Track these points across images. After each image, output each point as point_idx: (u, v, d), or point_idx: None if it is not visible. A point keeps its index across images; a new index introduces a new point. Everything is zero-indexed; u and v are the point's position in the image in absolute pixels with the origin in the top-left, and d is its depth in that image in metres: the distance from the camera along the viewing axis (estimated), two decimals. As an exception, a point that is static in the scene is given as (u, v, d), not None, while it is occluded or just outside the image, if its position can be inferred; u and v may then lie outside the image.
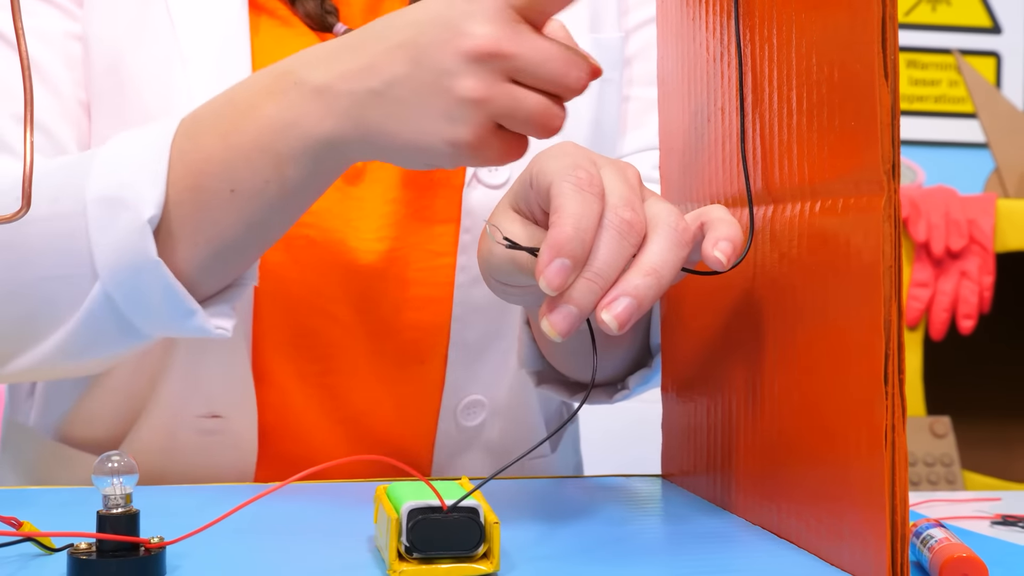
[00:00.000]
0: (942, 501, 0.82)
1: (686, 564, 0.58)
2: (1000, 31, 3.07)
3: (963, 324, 1.89)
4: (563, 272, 0.57)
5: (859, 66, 0.53)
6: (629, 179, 0.61)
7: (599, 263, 0.57)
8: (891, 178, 0.52)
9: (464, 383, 0.92)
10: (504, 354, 0.94)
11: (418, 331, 0.90)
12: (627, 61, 0.99)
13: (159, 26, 0.88)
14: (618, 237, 0.58)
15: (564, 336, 0.58)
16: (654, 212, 0.60)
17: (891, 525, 0.51)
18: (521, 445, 0.97)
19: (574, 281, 0.57)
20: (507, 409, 0.95)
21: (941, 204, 1.90)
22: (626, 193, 0.59)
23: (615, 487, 0.79)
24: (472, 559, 0.54)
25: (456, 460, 0.93)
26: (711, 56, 0.70)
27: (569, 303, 0.57)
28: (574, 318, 0.58)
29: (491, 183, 0.90)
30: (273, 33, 0.90)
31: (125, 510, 0.53)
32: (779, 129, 0.61)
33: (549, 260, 0.57)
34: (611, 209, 0.58)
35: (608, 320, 0.57)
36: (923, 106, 3.04)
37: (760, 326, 0.64)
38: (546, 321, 0.58)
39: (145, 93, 0.87)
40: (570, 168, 0.59)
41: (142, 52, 0.88)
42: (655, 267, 0.58)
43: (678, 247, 0.59)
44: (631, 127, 0.99)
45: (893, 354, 0.51)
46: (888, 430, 0.51)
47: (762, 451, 0.64)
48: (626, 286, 0.57)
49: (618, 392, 0.87)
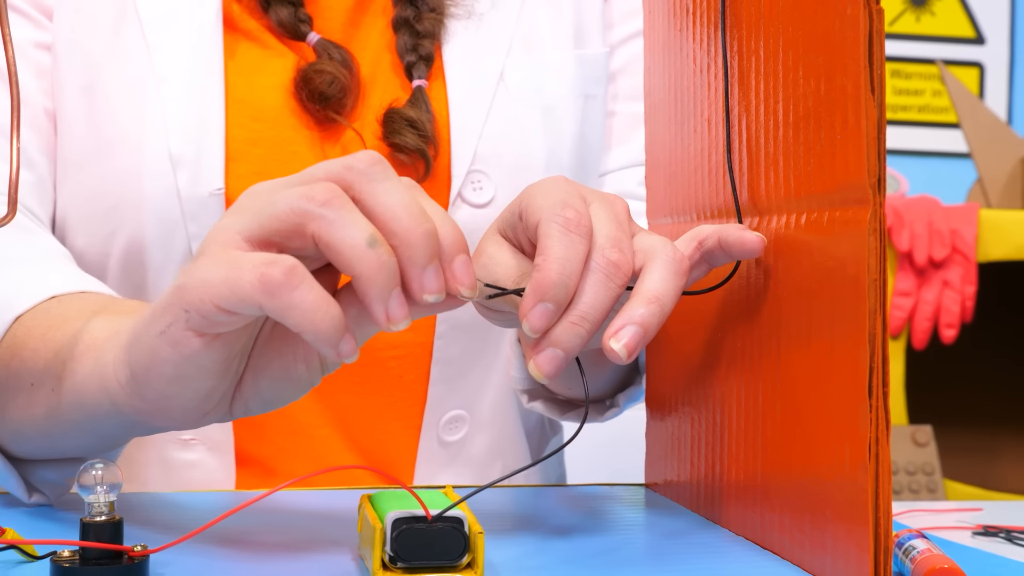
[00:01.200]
0: (924, 511, 0.82)
1: (668, 573, 0.58)
2: (983, 42, 3.08)
3: (945, 333, 1.90)
4: (546, 316, 0.57)
5: (845, 79, 0.53)
6: (618, 215, 0.61)
7: (584, 306, 0.58)
8: (876, 191, 0.52)
9: (446, 398, 0.92)
10: (486, 370, 0.94)
11: (401, 348, 0.90)
12: (612, 76, 0.99)
13: (134, 47, 0.88)
14: (604, 280, 0.58)
15: (550, 378, 0.58)
16: (649, 243, 0.61)
17: (874, 537, 0.51)
18: (503, 459, 0.97)
19: (559, 323, 0.58)
20: (489, 424, 0.95)
21: (924, 214, 1.91)
22: (614, 233, 0.59)
23: (599, 496, 0.79)
24: (456, 569, 0.54)
25: (438, 475, 0.93)
26: (698, 68, 0.70)
27: (555, 346, 0.58)
28: (560, 360, 0.58)
29: (476, 202, 0.90)
30: (249, 55, 0.90)
31: (109, 518, 0.53)
32: (765, 141, 0.62)
33: (533, 304, 0.57)
34: (598, 250, 0.58)
35: (618, 349, 0.58)
36: (907, 116, 3.05)
37: (745, 338, 0.64)
38: (532, 364, 0.58)
39: (119, 113, 0.87)
40: (559, 207, 0.59)
41: (116, 72, 0.88)
42: (657, 296, 0.58)
43: (676, 276, 0.59)
44: (616, 143, 0.99)
45: (877, 367, 0.51)
46: (872, 443, 0.51)
47: (746, 462, 0.64)
48: (632, 315, 0.58)
49: (608, 410, 0.87)
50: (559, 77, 0.95)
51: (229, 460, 0.88)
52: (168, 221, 0.85)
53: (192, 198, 0.85)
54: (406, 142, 0.87)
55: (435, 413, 0.92)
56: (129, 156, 0.86)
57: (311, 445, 0.90)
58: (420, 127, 0.88)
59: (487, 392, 0.95)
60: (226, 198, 0.85)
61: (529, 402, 0.87)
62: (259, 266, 0.53)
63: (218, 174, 0.85)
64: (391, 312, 0.54)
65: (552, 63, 0.95)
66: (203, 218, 0.85)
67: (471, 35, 0.94)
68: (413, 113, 0.88)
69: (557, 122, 0.94)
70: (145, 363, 0.58)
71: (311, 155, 0.88)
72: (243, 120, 0.87)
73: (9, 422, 0.70)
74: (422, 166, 0.88)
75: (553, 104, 0.94)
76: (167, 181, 0.85)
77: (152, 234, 0.85)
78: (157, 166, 0.85)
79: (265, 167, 0.87)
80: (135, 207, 0.85)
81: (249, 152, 0.87)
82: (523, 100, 0.93)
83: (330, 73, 0.88)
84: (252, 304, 0.53)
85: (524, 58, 0.94)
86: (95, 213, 0.87)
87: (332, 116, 0.88)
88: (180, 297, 0.55)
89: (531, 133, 0.93)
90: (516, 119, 0.92)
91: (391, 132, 0.88)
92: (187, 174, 0.85)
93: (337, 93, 0.88)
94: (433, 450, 0.93)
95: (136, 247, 0.86)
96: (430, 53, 0.92)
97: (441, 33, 0.93)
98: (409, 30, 0.92)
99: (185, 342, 0.55)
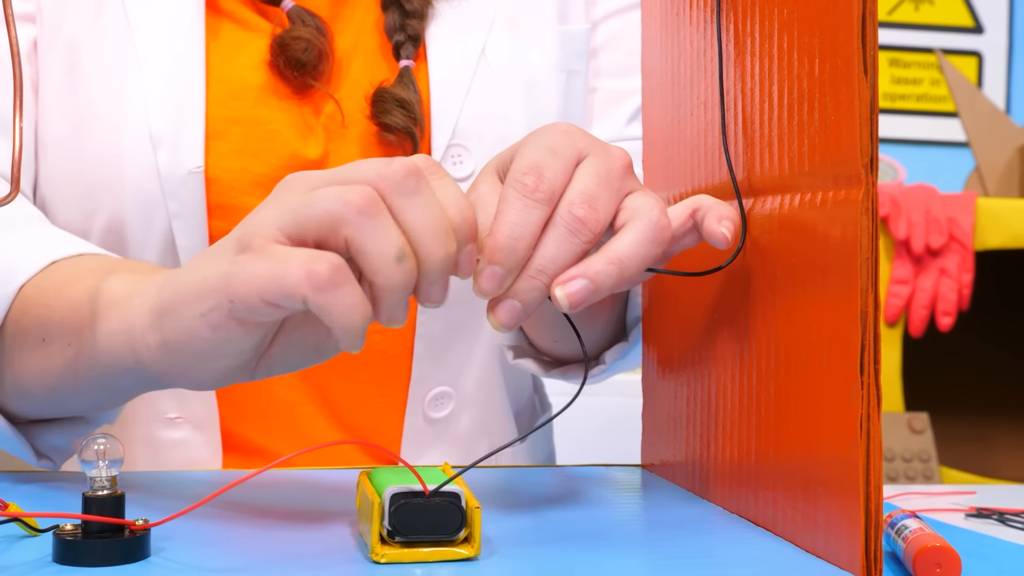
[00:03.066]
0: (918, 494, 0.83)
1: (664, 550, 0.59)
2: (982, 31, 3.08)
3: (942, 321, 1.90)
4: (494, 279, 0.58)
5: (839, 61, 0.54)
6: (609, 171, 0.61)
7: (542, 259, 0.59)
8: (869, 172, 0.52)
9: (431, 374, 0.93)
10: (471, 345, 0.95)
11: None
12: (593, 52, 0.99)
13: (115, 26, 0.88)
14: (567, 235, 0.59)
15: (509, 329, 0.59)
16: (636, 205, 0.61)
17: (865, 513, 0.52)
18: (490, 437, 0.97)
19: (519, 276, 0.58)
20: (475, 401, 0.96)
21: (921, 202, 1.91)
22: (589, 189, 0.60)
23: (595, 476, 0.80)
24: (453, 543, 0.54)
25: (425, 453, 0.94)
26: (695, 50, 0.71)
27: (512, 298, 0.59)
28: (517, 312, 0.59)
29: (456, 176, 0.90)
30: (230, 36, 0.90)
31: (111, 492, 0.53)
32: (760, 123, 0.62)
33: (483, 267, 0.58)
34: (565, 205, 0.59)
35: (560, 297, 0.58)
36: (905, 105, 3.05)
37: (739, 318, 0.65)
38: (491, 315, 0.60)
39: (99, 92, 0.88)
40: (522, 170, 0.59)
41: (98, 52, 0.88)
42: (621, 257, 0.59)
43: (651, 243, 0.60)
44: (598, 118, 0.99)
45: (869, 345, 0.52)
46: (863, 419, 0.52)
47: (740, 441, 0.65)
48: (586, 269, 0.59)
49: (595, 367, 0.88)
50: (541, 53, 0.96)
51: (215, 438, 0.89)
52: (148, 199, 0.86)
53: (172, 176, 0.85)
54: (395, 122, 0.88)
55: (420, 389, 0.93)
56: (109, 135, 0.86)
57: (295, 423, 0.91)
58: (409, 108, 0.89)
59: (472, 368, 0.95)
60: (206, 176, 0.86)
61: (515, 359, 0.88)
62: (306, 263, 0.54)
63: (198, 152, 0.86)
64: (393, 315, 0.57)
65: (535, 39, 0.96)
66: (183, 196, 0.85)
67: (455, 13, 0.94)
68: (403, 94, 0.89)
69: (539, 97, 0.95)
70: (181, 338, 0.59)
71: (292, 133, 0.89)
72: (223, 99, 0.88)
73: (16, 380, 0.71)
74: (409, 145, 0.89)
75: (535, 79, 0.95)
76: (147, 160, 0.85)
77: (132, 212, 0.86)
78: (137, 145, 0.86)
79: (246, 145, 0.87)
80: (115, 185, 0.86)
81: (229, 130, 0.87)
82: (505, 75, 0.94)
83: (305, 39, 0.88)
84: (297, 299, 0.54)
85: (506, 34, 0.95)
86: (75, 191, 0.87)
87: (310, 83, 0.89)
88: (227, 286, 0.56)
89: (513, 108, 0.93)
90: (498, 94, 0.93)
91: (381, 112, 0.89)
92: (167, 153, 0.85)
93: (313, 59, 0.89)
94: (419, 427, 0.93)
95: (116, 225, 0.86)
96: (418, 33, 0.92)
97: (428, 12, 0.94)
98: (398, 9, 0.93)
99: (225, 327, 0.57)
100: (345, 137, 0.90)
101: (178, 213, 0.85)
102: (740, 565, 0.55)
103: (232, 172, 0.86)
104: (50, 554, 0.53)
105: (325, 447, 0.56)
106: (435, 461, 0.93)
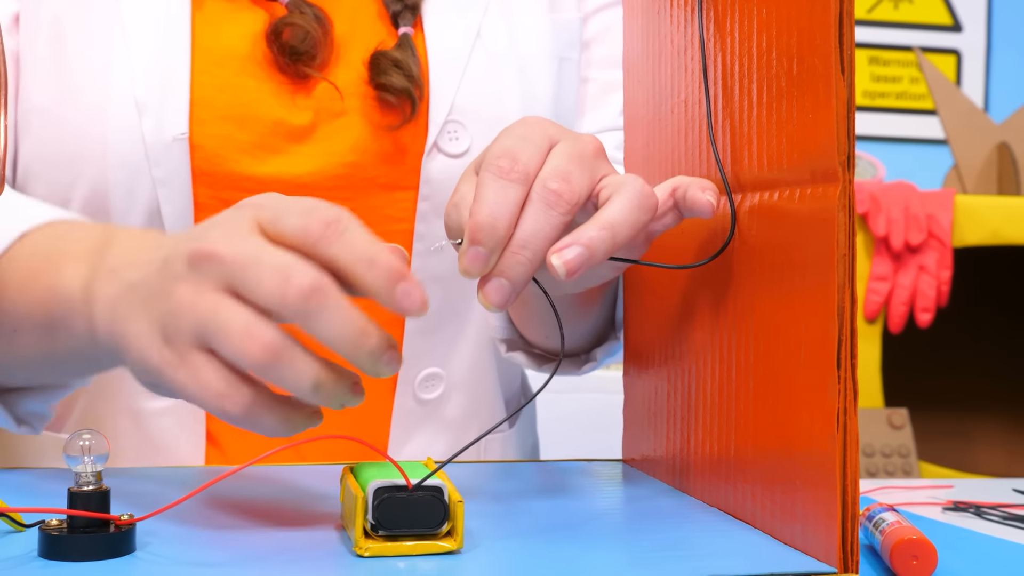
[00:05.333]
0: (896, 488, 0.84)
1: (644, 542, 0.59)
2: (960, 29, 3.10)
3: (921, 317, 1.91)
4: (478, 259, 0.59)
5: (816, 60, 0.54)
6: (581, 152, 0.62)
7: (524, 234, 0.59)
8: (846, 169, 0.53)
9: (422, 355, 0.93)
10: (461, 327, 0.95)
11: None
12: (586, 44, 1.00)
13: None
14: (544, 208, 0.59)
15: (499, 308, 0.60)
16: (618, 179, 0.62)
17: (842, 505, 0.53)
18: (479, 421, 0.98)
19: (503, 255, 0.59)
20: (465, 385, 0.96)
21: (900, 199, 1.92)
22: (562, 166, 0.61)
23: (577, 471, 0.80)
24: (436, 537, 0.55)
25: (414, 435, 0.94)
26: (676, 48, 0.71)
27: (499, 276, 0.59)
28: (507, 290, 0.60)
29: (451, 152, 0.91)
30: (217, 8, 0.90)
31: (96, 487, 0.54)
32: (740, 121, 0.63)
33: (466, 248, 0.59)
34: (539, 182, 0.60)
35: (557, 265, 0.59)
36: (884, 102, 3.07)
37: (718, 313, 0.65)
38: (481, 294, 0.60)
39: (84, 60, 0.88)
40: (496, 156, 0.60)
41: (83, 22, 0.88)
42: (612, 223, 0.60)
43: (639, 210, 0.61)
44: (590, 108, 1.00)
45: (846, 340, 0.53)
46: (840, 413, 0.53)
47: (719, 435, 0.65)
48: (579, 236, 0.59)
49: (585, 364, 0.88)
50: (534, 38, 0.97)
51: (198, 410, 0.89)
52: (132, 166, 0.86)
53: (156, 143, 0.85)
54: (392, 82, 0.88)
55: (411, 370, 0.93)
56: (94, 101, 0.86)
57: None
58: (407, 68, 0.89)
59: (463, 351, 0.95)
60: (190, 143, 0.86)
61: (507, 352, 0.88)
62: (224, 382, 0.56)
63: (183, 119, 0.86)
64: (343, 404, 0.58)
65: (527, 25, 0.96)
66: (167, 163, 0.86)
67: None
68: (400, 55, 0.89)
69: (532, 80, 0.96)
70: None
71: (278, 103, 0.89)
72: (208, 67, 0.88)
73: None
74: (408, 107, 0.89)
75: (528, 63, 0.96)
76: (132, 127, 0.85)
77: (116, 179, 0.86)
78: (122, 111, 0.86)
79: (230, 112, 0.87)
80: (99, 152, 0.86)
81: (214, 98, 0.87)
82: (499, 56, 0.94)
83: (302, 27, 0.88)
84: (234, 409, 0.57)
85: (500, 18, 0.95)
86: (58, 159, 0.87)
87: (303, 71, 0.89)
88: (159, 374, 0.58)
89: (507, 88, 0.94)
90: (493, 74, 0.93)
91: (378, 73, 0.89)
92: (152, 119, 0.85)
93: (309, 48, 0.89)
94: (409, 407, 0.93)
95: (100, 193, 0.86)
96: (416, 2, 0.93)
97: None
98: None
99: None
100: (342, 107, 0.90)
101: (163, 180, 0.86)
102: (719, 556, 0.56)
103: (217, 139, 0.87)
104: (35, 549, 0.53)
105: (308, 441, 0.56)
106: (424, 444, 0.94)
